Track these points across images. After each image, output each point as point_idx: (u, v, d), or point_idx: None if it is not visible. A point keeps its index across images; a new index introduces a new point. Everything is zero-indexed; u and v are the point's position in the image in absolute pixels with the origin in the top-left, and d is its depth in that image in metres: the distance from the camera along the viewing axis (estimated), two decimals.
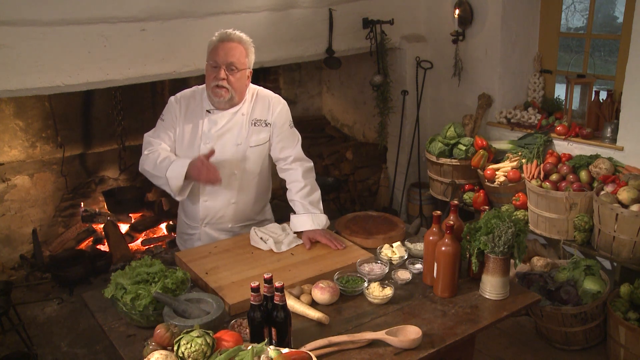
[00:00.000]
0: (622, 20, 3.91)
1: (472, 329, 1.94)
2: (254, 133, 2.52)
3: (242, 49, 2.41)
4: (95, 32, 3.24)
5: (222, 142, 2.49)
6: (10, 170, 4.20)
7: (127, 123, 4.58)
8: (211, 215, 2.60)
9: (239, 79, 2.41)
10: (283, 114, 2.57)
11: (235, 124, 2.51)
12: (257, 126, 2.53)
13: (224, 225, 2.64)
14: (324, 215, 2.55)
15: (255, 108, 2.54)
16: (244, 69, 2.43)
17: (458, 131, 4.30)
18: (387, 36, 4.47)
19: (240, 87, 2.45)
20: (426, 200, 4.87)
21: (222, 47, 2.38)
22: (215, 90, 2.42)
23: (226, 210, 2.60)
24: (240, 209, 2.62)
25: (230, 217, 2.62)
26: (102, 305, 2.09)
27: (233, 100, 2.46)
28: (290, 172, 2.60)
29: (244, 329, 1.86)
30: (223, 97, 2.42)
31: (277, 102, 2.58)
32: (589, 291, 3.24)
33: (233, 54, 2.37)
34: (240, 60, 2.40)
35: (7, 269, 4.20)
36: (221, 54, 2.37)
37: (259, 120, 2.53)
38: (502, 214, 2.14)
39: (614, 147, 3.71)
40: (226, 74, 2.38)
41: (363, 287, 2.11)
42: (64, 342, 3.51)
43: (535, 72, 4.43)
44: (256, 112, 2.53)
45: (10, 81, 3.05)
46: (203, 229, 2.64)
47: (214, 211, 2.59)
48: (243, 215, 2.66)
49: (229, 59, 2.37)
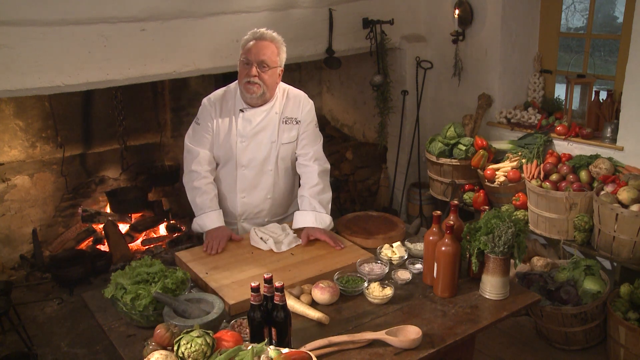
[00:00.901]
0: (622, 20, 3.91)
1: (472, 329, 1.94)
2: (285, 130, 2.62)
3: (274, 47, 2.51)
4: (95, 32, 3.24)
5: (257, 140, 2.59)
6: (10, 170, 4.20)
7: (127, 123, 4.58)
8: (249, 210, 2.71)
9: (270, 76, 2.51)
10: (311, 113, 2.69)
11: (270, 122, 2.60)
12: (288, 124, 2.62)
13: (261, 220, 2.74)
14: (329, 217, 2.59)
15: (287, 106, 2.63)
16: (275, 67, 2.52)
17: (458, 131, 4.30)
18: (387, 36, 4.47)
19: (272, 84, 2.55)
20: (426, 200, 4.87)
21: (255, 45, 2.48)
22: (247, 87, 2.50)
23: (263, 205, 2.71)
24: (276, 204, 2.74)
25: (267, 211, 2.73)
26: (102, 305, 2.09)
27: (264, 96, 2.54)
28: (307, 169, 2.67)
29: (244, 329, 1.86)
30: (255, 92, 2.50)
31: (307, 102, 2.69)
32: (589, 291, 3.24)
33: (265, 52, 2.47)
34: (272, 58, 2.49)
35: (7, 269, 4.21)
36: (254, 52, 2.47)
37: (290, 118, 2.63)
38: (502, 214, 2.14)
39: (614, 147, 3.71)
40: (258, 71, 2.47)
41: (363, 287, 2.11)
42: (64, 342, 3.51)
43: (535, 72, 4.43)
44: (287, 110, 2.63)
45: (10, 81, 3.05)
46: (241, 224, 2.75)
47: (252, 207, 2.70)
48: (278, 210, 2.77)
49: (260, 56, 2.46)
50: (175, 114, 4.85)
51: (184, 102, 4.88)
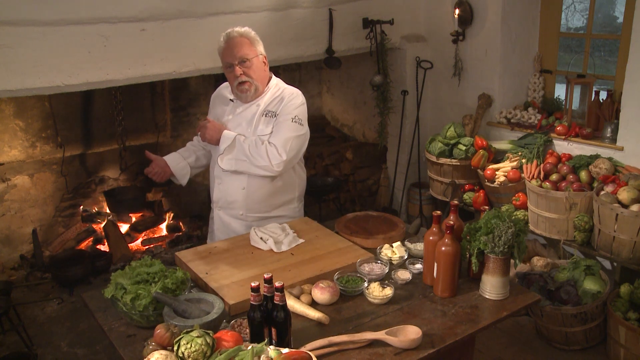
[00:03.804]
0: (622, 20, 3.91)
1: (472, 329, 1.94)
2: (261, 123, 2.62)
3: (245, 40, 2.55)
4: (95, 32, 3.24)
5: (237, 130, 2.64)
6: (10, 170, 4.20)
7: (127, 123, 4.58)
8: (224, 198, 2.73)
9: (255, 69, 2.56)
10: (291, 107, 2.59)
11: (249, 113, 2.64)
12: (267, 117, 2.62)
13: (236, 212, 2.72)
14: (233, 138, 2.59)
15: (274, 101, 2.65)
16: (256, 56, 2.55)
17: (458, 131, 4.30)
18: (387, 36, 4.47)
19: (259, 76, 2.59)
20: (426, 200, 4.87)
21: (227, 47, 2.55)
22: (239, 87, 2.58)
23: (236, 195, 2.69)
24: (251, 197, 2.68)
25: (241, 203, 2.70)
26: (102, 305, 2.09)
27: (258, 90, 2.61)
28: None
29: (244, 329, 1.86)
30: (248, 90, 2.58)
31: (290, 96, 2.62)
32: (589, 291, 3.24)
33: (239, 48, 2.52)
34: (248, 51, 2.54)
35: (7, 269, 4.21)
36: (229, 53, 2.53)
37: (270, 112, 2.63)
38: (502, 214, 2.14)
39: (614, 147, 3.71)
40: (242, 69, 2.53)
41: (363, 287, 2.11)
42: (64, 342, 3.51)
43: (535, 72, 4.43)
44: (271, 105, 2.64)
45: (10, 81, 3.06)
46: (217, 212, 2.79)
47: (226, 194, 2.71)
48: (254, 205, 2.70)
49: (237, 54, 2.52)
50: (175, 114, 4.85)
51: (184, 103, 4.88)
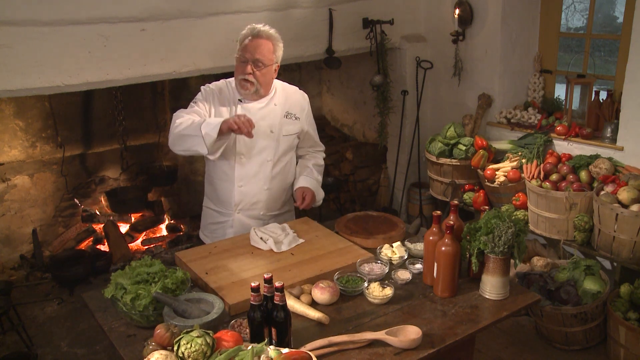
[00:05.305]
0: (622, 20, 3.91)
1: (472, 329, 1.94)
2: (285, 124, 2.68)
3: (270, 45, 2.54)
4: (95, 32, 3.24)
5: (255, 130, 2.52)
6: (10, 170, 4.20)
7: (127, 123, 4.58)
8: (246, 200, 2.70)
9: (265, 74, 2.56)
10: (311, 113, 2.84)
11: (269, 112, 2.65)
12: (288, 118, 2.70)
13: (257, 212, 2.74)
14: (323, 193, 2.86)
15: (288, 101, 2.69)
16: (271, 65, 2.57)
17: (458, 131, 4.30)
18: (387, 36, 4.47)
19: (266, 82, 2.60)
20: (426, 200, 4.87)
21: (250, 44, 2.52)
22: (242, 83, 2.57)
23: (260, 196, 2.70)
24: (273, 196, 2.74)
25: (264, 203, 2.73)
26: (102, 305, 2.09)
27: (258, 92, 2.60)
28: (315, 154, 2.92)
29: (244, 329, 1.86)
30: (249, 89, 2.57)
31: (305, 101, 2.79)
32: (589, 291, 3.24)
33: (260, 50, 2.51)
34: (268, 56, 2.53)
35: (7, 269, 4.20)
36: (250, 50, 2.51)
37: (290, 114, 2.70)
38: (502, 214, 2.14)
39: (614, 147, 3.71)
40: (253, 69, 2.52)
41: (363, 287, 2.11)
42: (64, 342, 3.51)
43: (535, 72, 4.43)
44: (288, 105, 2.70)
45: (10, 81, 3.05)
46: (237, 215, 2.73)
47: (249, 196, 2.70)
48: (275, 203, 2.77)
49: (256, 55, 2.51)
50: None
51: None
